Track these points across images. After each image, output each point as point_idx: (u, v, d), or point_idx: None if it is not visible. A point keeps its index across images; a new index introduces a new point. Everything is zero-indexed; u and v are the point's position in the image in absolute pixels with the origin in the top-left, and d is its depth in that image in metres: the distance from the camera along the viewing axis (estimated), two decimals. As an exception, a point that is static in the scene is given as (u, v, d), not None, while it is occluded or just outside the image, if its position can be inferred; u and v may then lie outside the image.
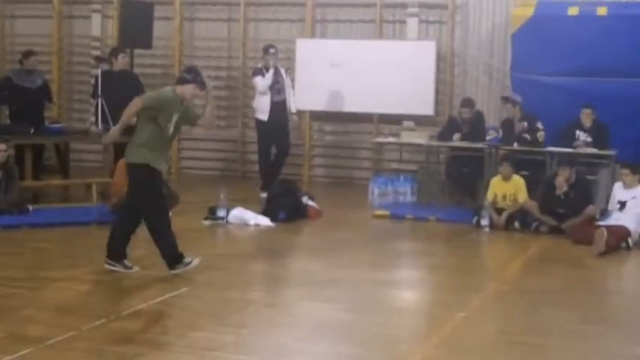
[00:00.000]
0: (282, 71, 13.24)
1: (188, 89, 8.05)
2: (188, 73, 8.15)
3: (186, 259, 7.99)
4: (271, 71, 12.96)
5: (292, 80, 13.78)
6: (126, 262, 8.02)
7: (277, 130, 13.12)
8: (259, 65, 13.37)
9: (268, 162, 13.26)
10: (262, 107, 13.04)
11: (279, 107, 13.00)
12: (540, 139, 12.07)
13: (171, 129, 8.02)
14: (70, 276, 7.86)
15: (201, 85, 8.14)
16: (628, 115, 12.11)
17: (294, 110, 13.27)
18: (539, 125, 12.15)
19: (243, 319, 6.72)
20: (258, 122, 13.24)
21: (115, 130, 8.06)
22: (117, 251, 8.02)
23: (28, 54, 13.03)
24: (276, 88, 13.01)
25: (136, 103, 7.94)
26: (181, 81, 8.09)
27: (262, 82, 13.00)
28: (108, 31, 16.16)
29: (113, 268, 7.96)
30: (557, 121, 12.25)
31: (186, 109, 8.13)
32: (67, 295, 7.25)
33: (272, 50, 13.16)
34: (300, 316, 6.92)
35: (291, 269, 8.88)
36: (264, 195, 12.37)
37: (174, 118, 7.99)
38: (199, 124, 8.43)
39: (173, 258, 7.98)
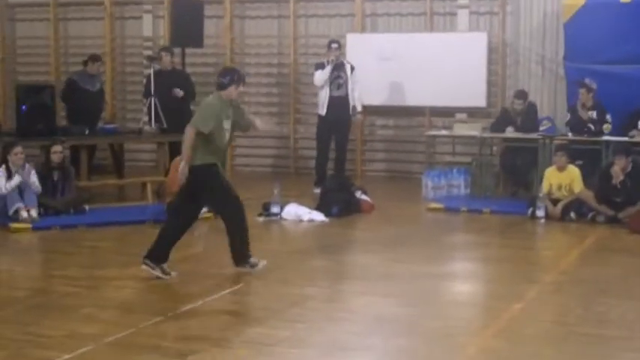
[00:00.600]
0: (347, 67, 13.22)
1: (231, 91, 8.03)
2: (224, 77, 8.02)
3: (253, 260, 7.98)
4: (329, 66, 12.95)
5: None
6: (165, 266, 7.88)
7: (335, 125, 13.12)
8: (323, 60, 13.40)
9: (323, 157, 13.26)
10: (320, 101, 13.10)
11: (338, 102, 13.00)
12: (606, 131, 11.93)
13: (226, 137, 7.99)
14: (127, 274, 7.93)
15: (240, 81, 8.08)
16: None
17: (358, 108, 13.24)
18: (608, 118, 12.02)
19: (299, 315, 6.73)
20: (318, 117, 13.29)
21: (183, 167, 8.00)
22: (159, 254, 7.91)
23: (95, 59, 13.25)
24: (337, 83, 13.01)
25: (189, 134, 7.87)
26: (221, 86, 8.04)
27: (318, 76, 13.02)
28: (159, 31, 16.30)
29: (151, 270, 7.81)
30: (611, 110, 12.11)
31: (236, 110, 8.10)
32: (125, 294, 7.32)
33: (334, 45, 13.20)
34: (356, 311, 6.92)
35: (346, 264, 8.87)
36: (317, 190, 12.41)
37: (226, 125, 7.94)
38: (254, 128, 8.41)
39: (241, 255, 7.98)
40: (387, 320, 6.58)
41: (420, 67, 14.21)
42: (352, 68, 13.23)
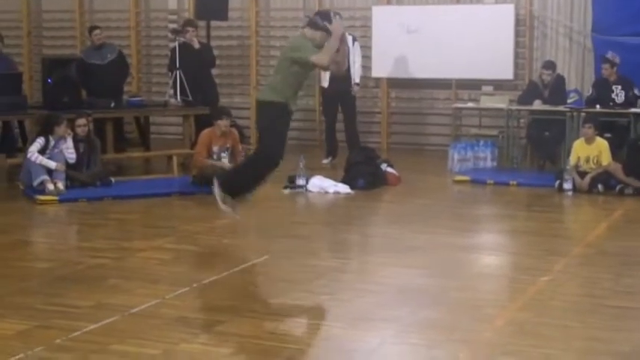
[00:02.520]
0: (349, 39, 13.14)
1: (318, 35, 7.99)
2: (322, 19, 8.03)
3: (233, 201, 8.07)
4: None
5: (367, 49, 13.63)
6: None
7: (339, 98, 13.07)
8: None
9: (330, 129, 13.23)
10: (323, 74, 13.02)
11: (340, 75, 12.88)
12: (637, 106, 11.84)
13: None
14: (153, 246, 7.95)
15: (329, 34, 8.01)
16: None
17: (357, 80, 13.12)
18: (637, 92, 11.92)
19: (324, 286, 6.71)
20: (321, 89, 13.34)
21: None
22: (237, 191, 8.13)
23: (90, 29, 13.20)
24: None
25: (321, 57, 7.91)
26: (314, 25, 8.01)
27: None
28: (184, 4, 16.25)
29: (222, 202, 8.07)
30: (641, 82, 12.04)
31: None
32: (151, 265, 7.33)
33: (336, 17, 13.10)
34: (382, 282, 6.89)
35: (372, 235, 8.85)
36: (325, 161, 12.58)
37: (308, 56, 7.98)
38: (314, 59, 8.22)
39: (230, 188, 8.11)
40: (413, 292, 6.56)
41: (447, 40, 14.09)
42: (354, 39, 13.16)
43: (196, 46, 12.93)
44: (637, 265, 7.33)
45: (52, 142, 10.41)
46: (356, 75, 13.09)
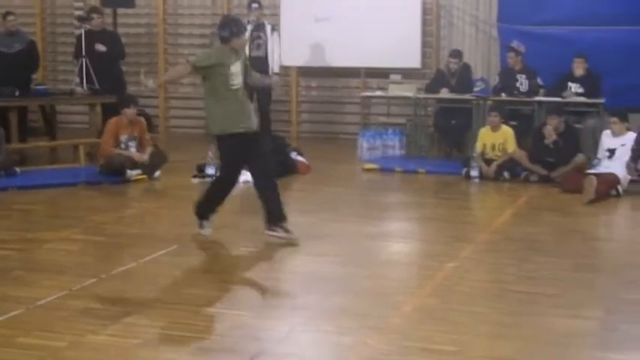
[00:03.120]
0: (268, 28, 13.13)
1: (235, 43, 7.72)
2: (224, 30, 7.67)
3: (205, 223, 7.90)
4: (249, 26, 12.82)
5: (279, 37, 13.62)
6: (286, 225, 7.76)
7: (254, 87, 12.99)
8: (244, 20, 13.24)
9: None
10: None
11: (256, 63, 12.74)
12: (539, 95, 12.07)
13: (237, 81, 7.65)
14: (60, 237, 7.83)
15: (241, 32, 7.80)
16: (616, 64, 12.11)
17: (276, 69, 13.06)
18: (539, 80, 12.14)
19: (233, 275, 6.71)
20: None
21: (154, 83, 7.88)
22: (277, 214, 7.79)
23: (4, 15, 12.87)
24: (256, 43, 12.87)
25: (179, 68, 7.69)
26: (224, 40, 7.69)
27: None
28: (90, -9, 15.99)
29: (274, 233, 7.71)
30: (546, 71, 12.23)
31: (245, 60, 7.87)
32: (57, 256, 7.22)
33: (254, 5, 13.11)
34: (290, 270, 6.92)
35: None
36: None
37: (234, 69, 7.61)
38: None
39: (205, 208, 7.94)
40: (322, 279, 6.58)
41: (355, 28, 14.15)
42: (273, 29, 13.16)
43: (102, 49, 12.68)
44: (539, 251, 7.48)
45: None
46: (275, 65, 13.05)
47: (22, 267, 6.82)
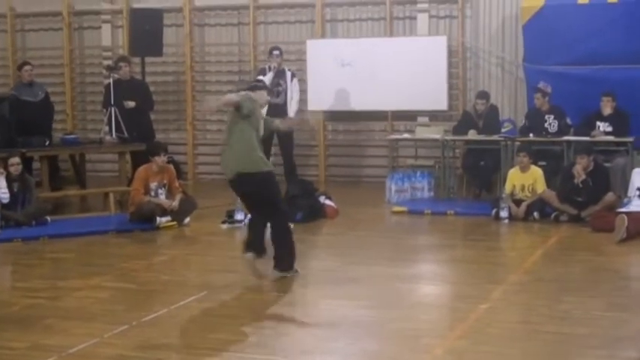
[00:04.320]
0: (288, 74, 13.20)
1: (262, 95, 8.02)
2: (260, 80, 8.14)
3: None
4: (270, 73, 12.89)
5: (302, 82, 13.67)
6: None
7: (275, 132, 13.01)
8: (263, 66, 13.42)
9: None
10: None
11: (276, 109, 12.83)
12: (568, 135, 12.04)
13: (262, 129, 8.00)
14: (90, 284, 7.86)
15: (270, 92, 8.14)
16: (643, 102, 12.07)
17: (291, 114, 13.03)
18: (568, 121, 12.13)
19: (263, 320, 6.70)
20: None
21: (212, 101, 8.05)
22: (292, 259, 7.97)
23: (20, 66, 13.05)
24: (276, 90, 12.90)
25: (231, 97, 7.86)
26: (254, 87, 8.04)
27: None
28: (118, 41, 16.21)
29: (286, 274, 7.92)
30: (573, 111, 12.22)
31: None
32: (88, 304, 7.24)
33: (276, 52, 13.19)
34: (321, 315, 6.89)
35: (311, 268, 8.80)
36: None
37: (260, 117, 8.02)
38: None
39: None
40: (352, 323, 6.56)
41: (381, 72, 14.21)
42: (293, 75, 13.22)
43: (131, 105, 12.80)
44: (571, 291, 7.42)
45: None
46: (291, 110, 13.09)
47: (54, 315, 6.84)
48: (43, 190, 11.65)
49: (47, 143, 11.94)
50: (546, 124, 12.21)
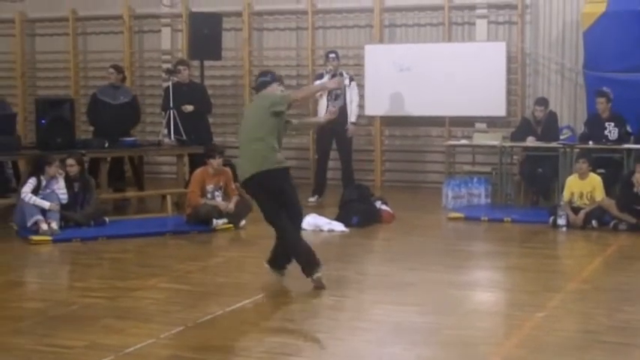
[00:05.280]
0: (346, 78, 13.18)
1: (275, 88, 8.03)
2: (265, 76, 8.12)
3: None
4: (327, 76, 12.89)
5: (360, 87, 13.67)
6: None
7: (335, 135, 13.05)
8: (320, 72, 13.44)
9: (321, 168, 13.15)
10: (319, 112, 13.04)
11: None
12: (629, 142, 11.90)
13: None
14: (147, 285, 7.93)
15: (280, 80, 8.17)
16: None
17: (353, 119, 13.09)
18: (629, 128, 11.98)
19: (319, 324, 6.70)
20: (317, 128, 13.29)
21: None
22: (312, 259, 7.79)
23: (115, 69, 13.23)
24: (334, 93, 12.89)
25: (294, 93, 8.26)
26: (264, 84, 8.06)
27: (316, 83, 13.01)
28: (177, 45, 16.36)
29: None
30: (633, 117, 12.07)
31: None
32: (145, 304, 7.30)
33: (332, 55, 13.16)
34: (376, 320, 6.87)
35: (366, 273, 8.82)
36: (312, 199, 12.73)
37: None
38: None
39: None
40: (407, 329, 6.53)
41: (439, 78, 14.16)
42: (351, 79, 13.20)
43: (190, 109, 12.88)
44: (631, 301, 7.32)
45: (43, 182, 10.41)
46: (352, 115, 13.08)
47: (111, 315, 6.91)
48: (102, 191, 11.77)
49: (107, 145, 12.06)
50: (606, 132, 12.07)
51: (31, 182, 10.33)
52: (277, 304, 7.31)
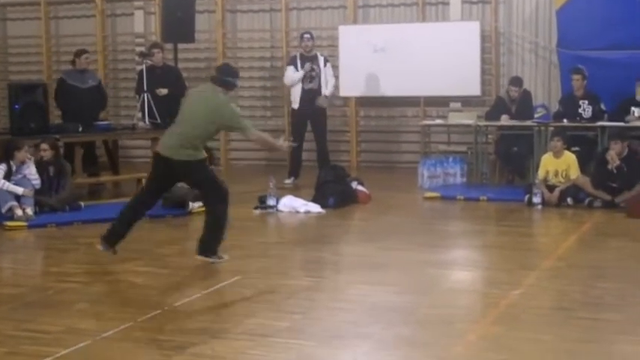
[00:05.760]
0: (321, 59, 13.14)
1: (229, 94, 8.09)
2: (233, 77, 8.06)
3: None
4: (299, 62, 12.85)
5: (334, 68, 13.66)
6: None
7: (310, 118, 13.05)
8: (294, 54, 13.41)
9: (296, 150, 13.07)
10: (294, 96, 13.04)
11: (310, 95, 12.90)
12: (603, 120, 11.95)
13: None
14: (124, 269, 7.91)
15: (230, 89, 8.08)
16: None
17: (327, 93, 13.08)
18: (603, 106, 12.02)
19: (296, 305, 6.71)
20: (291, 110, 13.29)
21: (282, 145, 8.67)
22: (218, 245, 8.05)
23: (78, 53, 13.09)
24: (309, 75, 12.88)
25: (257, 134, 8.32)
26: (226, 84, 7.99)
27: (290, 75, 12.98)
28: (151, 27, 16.28)
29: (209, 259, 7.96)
30: (607, 96, 12.11)
31: None
32: (122, 288, 7.30)
33: (306, 36, 13.14)
34: (353, 300, 6.88)
35: (343, 254, 8.85)
36: (288, 181, 12.72)
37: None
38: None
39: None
40: (385, 309, 6.55)
41: (413, 58, 14.17)
42: (326, 60, 13.17)
43: (164, 92, 12.83)
44: (605, 277, 7.38)
45: (14, 168, 10.34)
46: (327, 91, 13.03)
47: (87, 299, 6.89)
48: (77, 176, 11.71)
49: (80, 129, 11.99)
50: (580, 110, 12.12)
51: (2, 168, 10.26)
52: (253, 286, 7.30)
